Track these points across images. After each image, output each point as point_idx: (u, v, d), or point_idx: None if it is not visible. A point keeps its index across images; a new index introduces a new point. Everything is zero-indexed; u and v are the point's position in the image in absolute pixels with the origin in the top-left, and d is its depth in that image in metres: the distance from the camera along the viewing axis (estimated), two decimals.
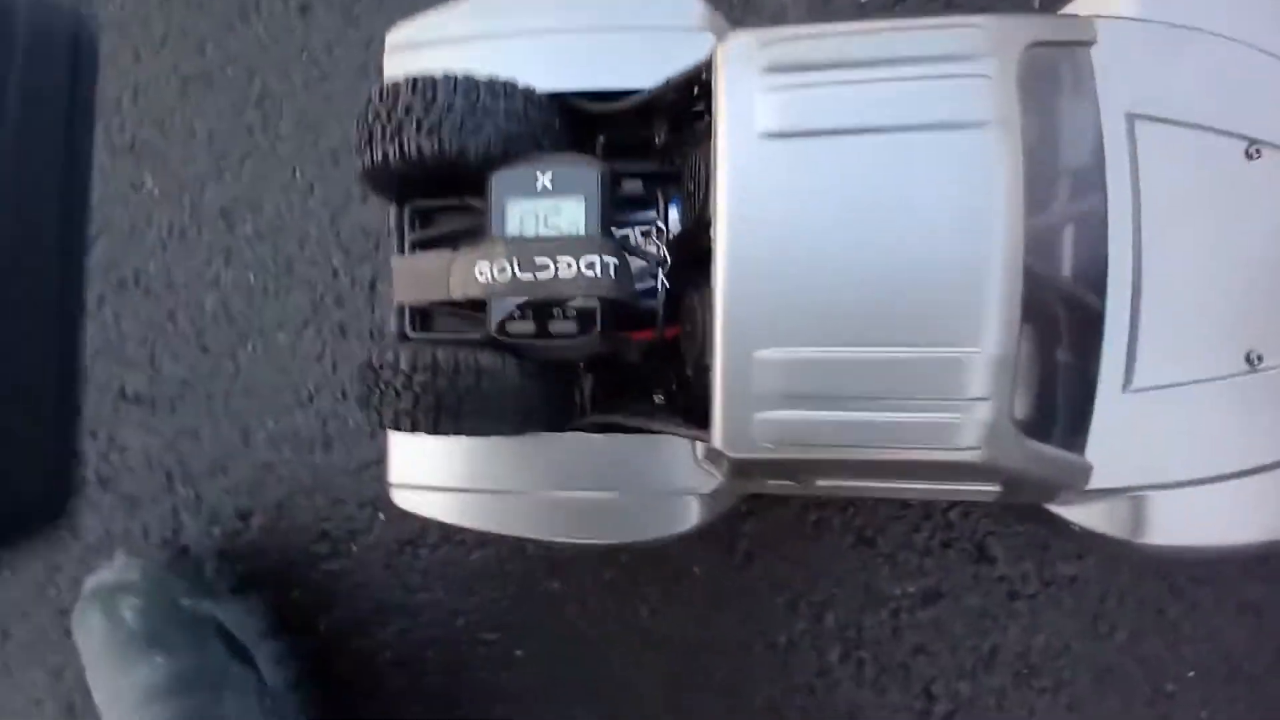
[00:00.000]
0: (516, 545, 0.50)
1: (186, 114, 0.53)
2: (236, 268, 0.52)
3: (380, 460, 0.51)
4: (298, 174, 0.51)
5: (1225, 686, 0.46)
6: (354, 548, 0.51)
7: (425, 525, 0.50)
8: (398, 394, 0.29)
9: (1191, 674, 0.46)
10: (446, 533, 0.50)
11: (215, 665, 0.38)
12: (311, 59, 0.51)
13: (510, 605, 0.50)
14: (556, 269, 0.29)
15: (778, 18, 0.46)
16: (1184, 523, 0.30)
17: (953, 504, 0.46)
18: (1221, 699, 0.46)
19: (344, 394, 0.51)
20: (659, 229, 0.32)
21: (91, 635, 0.39)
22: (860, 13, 0.45)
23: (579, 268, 0.28)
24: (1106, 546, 0.32)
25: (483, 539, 0.50)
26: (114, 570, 0.43)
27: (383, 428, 0.31)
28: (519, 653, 0.50)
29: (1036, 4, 0.45)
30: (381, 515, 0.51)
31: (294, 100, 0.51)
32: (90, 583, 0.43)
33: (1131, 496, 0.30)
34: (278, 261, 0.52)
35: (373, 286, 0.51)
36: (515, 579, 0.50)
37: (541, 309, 0.29)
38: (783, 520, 0.47)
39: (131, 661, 0.36)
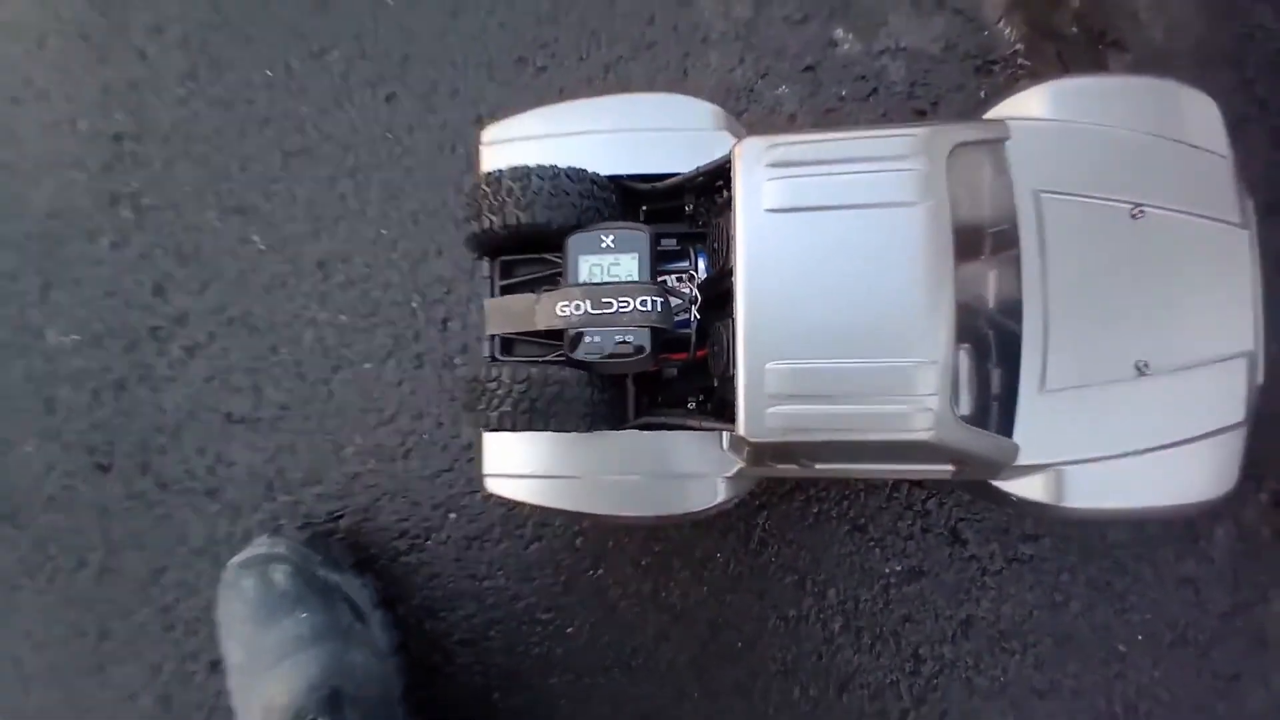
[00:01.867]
0: (568, 539, 0.59)
1: (288, 182, 0.64)
2: (330, 310, 0.63)
3: (450, 469, 0.61)
4: (382, 232, 0.62)
5: (1171, 650, 0.55)
6: (428, 543, 0.61)
7: (490, 523, 0.60)
8: (500, 402, 0.39)
9: (1140, 638, 0.55)
10: (507, 529, 0.60)
11: (344, 623, 0.47)
12: (395, 138, 0.62)
13: (562, 590, 0.59)
14: (617, 306, 0.39)
15: (774, 107, 0.57)
16: (1094, 491, 0.39)
17: (930, 495, 0.55)
18: (1169, 660, 0.55)
19: (421, 413, 0.61)
20: (690, 275, 0.42)
21: (244, 596, 0.48)
22: (841, 104, 0.57)
23: (634, 305, 0.39)
24: (1038, 511, 0.41)
25: (539, 534, 0.59)
26: (264, 545, 0.52)
27: (486, 429, 0.41)
28: (569, 630, 0.58)
29: (983, 95, 0.56)
30: (452, 515, 0.61)
31: (380, 172, 0.62)
32: (239, 558, 0.52)
33: (1053, 470, 0.39)
34: (365, 304, 0.62)
35: (445, 324, 0.61)
36: (566, 567, 0.59)
37: (606, 335, 0.40)
38: (790, 512, 0.57)
39: (281, 616, 0.46)
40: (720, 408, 0.42)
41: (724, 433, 0.41)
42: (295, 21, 0.64)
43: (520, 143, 0.43)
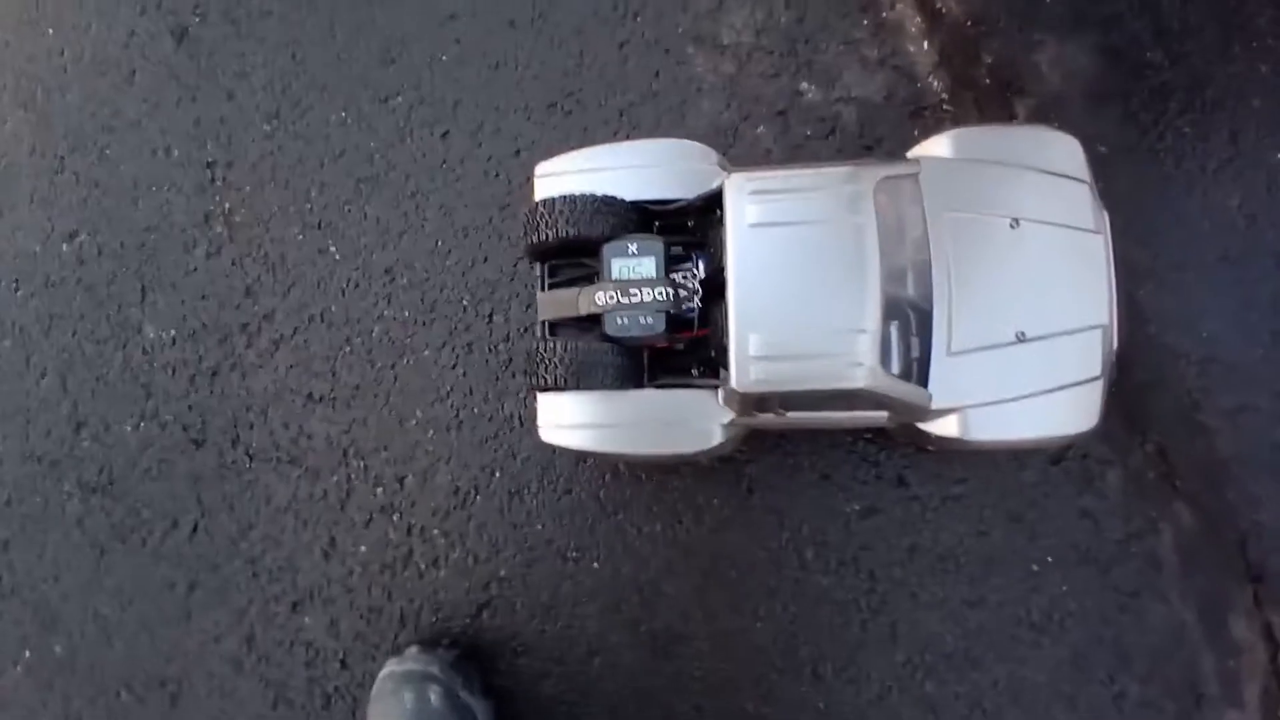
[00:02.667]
0: (593, 490, 0.73)
1: (360, 203, 0.78)
2: (395, 307, 0.77)
3: (495, 435, 0.75)
4: (439, 244, 0.76)
5: (1076, 569, 0.69)
6: (478, 497, 0.74)
7: (529, 479, 0.73)
8: (556, 366, 0.53)
9: (1050, 559, 0.69)
10: (543, 484, 0.73)
11: None
12: (449, 167, 0.76)
13: (588, 532, 0.72)
14: (640, 296, 0.53)
15: (754, 143, 0.72)
16: (990, 427, 0.54)
17: (881, 449, 0.70)
18: (1076, 578, 0.69)
19: (471, 390, 0.75)
20: (693, 273, 0.57)
21: (402, 706, 0.60)
22: (807, 141, 0.72)
23: (653, 295, 0.53)
24: (953, 445, 0.55)
25: (569, 487, 0.73)
26: (418, 661, 0.63)
27: (540, 390, 0.55)
28: (595, 564, 0.72)
29: (916, 134, 0.71)
30: (497, 474, 0.74)
31: (437, 195, 0.77)
32: (398, 666, 0.64)
33: (959, 413, 0.54)
34: (424, 303, 0.76)
35: (490, 318, 0.75)
36: (591, 512, 0.72)
37: (632, 318, 0.54)
38: (771, 464, 0.71)
39: None
40: (717, 372, 0.57)
41: (720, 389, 0.55)
42: (365, 73, 0.78)
43: (566, 176, 0.58)
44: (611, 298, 0.53)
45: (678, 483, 0.71)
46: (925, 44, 0.71)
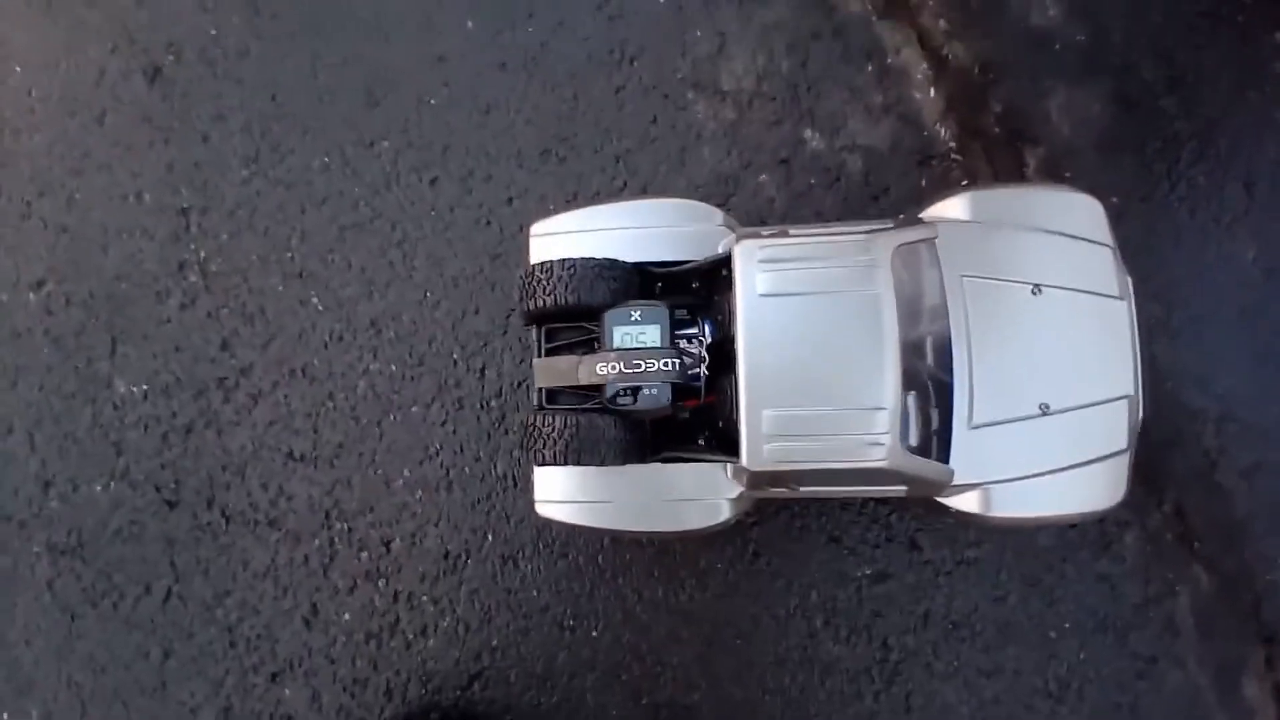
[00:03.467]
0: (590, 555, 0.69)
1: (344, 252, 0.74)
2: (381, 361, 0.73)
3: (488, 497, 0.71)
4: (427, 294, 0.73)
5: (1094, 635, 0.67)
6: (469, 562, 0.70)
7: (523, 543, 0.70)
8: (555, 441, 0.50)
9: (1068, 625, 0.67)
10: (538, 548, 0.70)
11: None
12: (438, 215, 0.73)
13: (586, 598, 0.69)
14: (645, 366, 0.50)
15: (756, 191, 0.70)
16: (1014, 503, 0.51)
17: (892, 511, 0.67)
18: (1094, 644, 0.67)
19: (462, 449, 0.71)
20: (700, 339, 0.54)
21: None
22: (811, 190, 0.69)
23: (658, 365, 0.50)
24: (974, 520, 0.53)
25: (565, 551, 0.70)
26: None
27: (538, 464, 0.52)
28: (594, 633, 0.68)
29: (924, 184, 0.69)
30: (489, 537, 0.71)
31: (425, 243, 0.73)
32: None
33: (982, 488, 0.51)
34: (412, 356, 0.73)
35: (482, 372, 0.72)
36: (589, 578, 0.69)
37: (635, 390, 0.51)
38: (778, 528, 0.68)
39: None
40: (724, 444, 0.53)
41: (728, 464, 0.52)
42: (349, 115, 0.75)
43: (564, 236, 0.55)
44: (614, 368, 0.50)
45: (680, 547, 0.68)
46: (932, 91, 0.69)
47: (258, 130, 0.77)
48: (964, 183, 0.66)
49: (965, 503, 0.52)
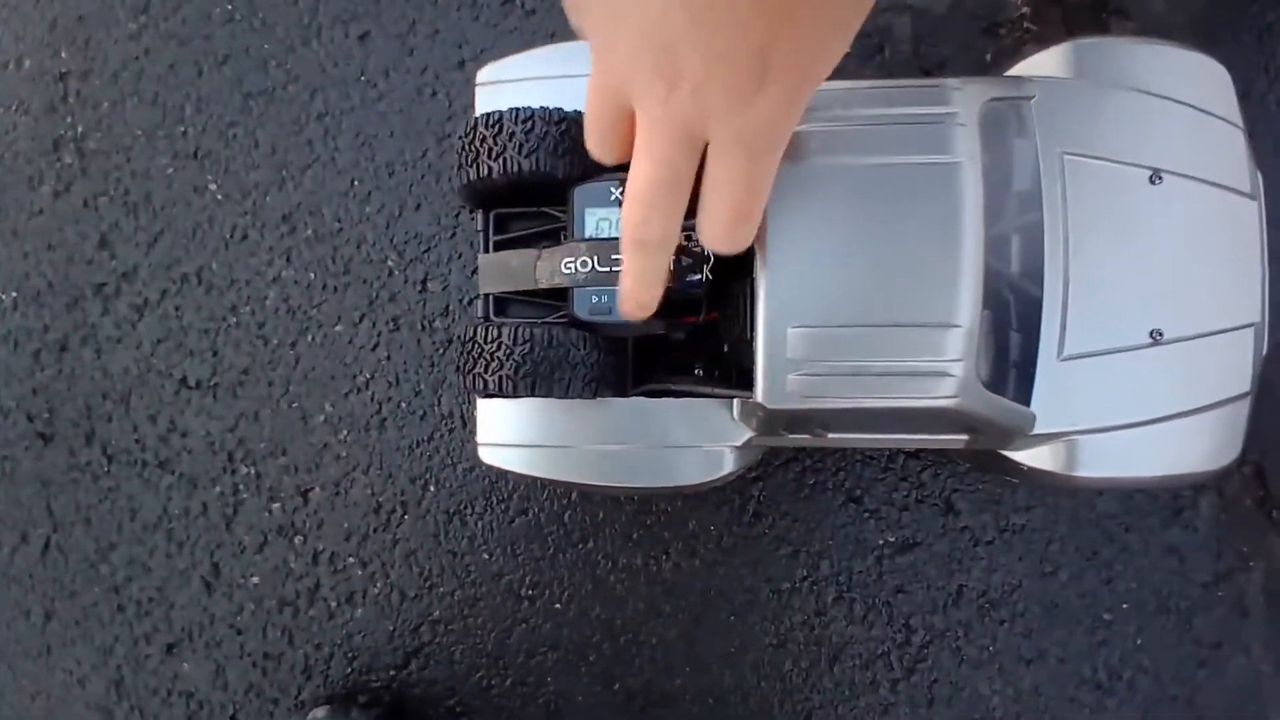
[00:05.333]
0: (555, 512, 0.57)
1: (249, 126, 0.59)
2: (296, 267, 0.58)
3: (430, 439, 0.58)
4: (355, 183, 0.58)
5: (1154, 618, 0.56)
6: (405, 518, 0.58)
7: (473, 496, 0.57)
8: (500, 365, 0.36)
9: (1125, 606, 0.56)
10: (491, 502, 0.57)
11: None
12: (369, 81, 0.58)
13: (548, 564, 0.56)
14: None
15: None
16: (1105, 460, 0.39)
17: (925, 466, 0.55)
18: (1152, 628, 0.56)
19: (398, 379, 0.57)
20: None
21: None
22: (846, 60, 0.54)
23: None
24: (1047, 480, 0.40)
25: (524, 506, 0.57)
26: None
27: (481, 395, 0.38)
28: (557, 605, 0.56)
29: (989, 58, 0.54)
30: (431, 488, 0.57)
31: (352, 117, 0.58)
32: None
33: (1065, 440, 0.39)
34: (336, 262, 0.58)
35: (424, 285, 0.57)
36: (553, 541, 0.56)
37: (614, 295, 0.37)
38: (786, 483, 0.55)
39: None
40: (731, 374, 0.40)
41: (735, 400, 0.39)
42: None
43: (522, 84, 0.40)
44: (585, 265, 0.36)
45: (665, 504, 0.56)
46: None
47: None
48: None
49: (1041, 458, 0.40)
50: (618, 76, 0.28)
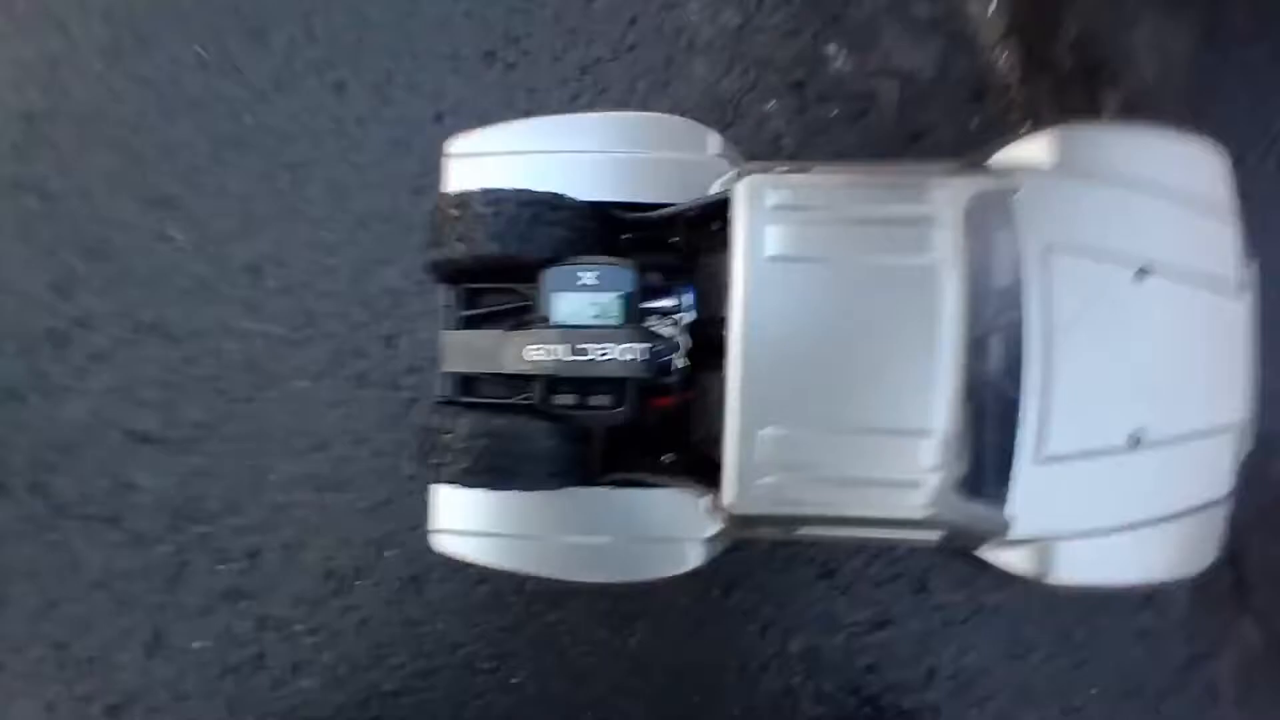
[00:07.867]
0: (517, 581, 0.54)
1: (217, 174, 0.57)
2: (258, 319, 0.56)
3: (389, 501, 0.56)
4: (324, 235, 0.56)
5: (1125, 702, 0.55)
6: (357, 584, 0.55)
7: (431, 563, 0.55)
8: (456, 456, 0.35)
9: (1094, 691, 0.55)
10: (450, 570, 0.55)
11: None
12: (342, 131, 0.56)
13: (509, 636, 0.54)
14: (595, 354, 0.35)
15: (760, 123, 0.54)
16: (1080, 566, 0.38)
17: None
18: (1123, 713, 0.55)
19: (360, 439, 0.55)
20: (677, 317, 0.38)
21: None
22: (831, 125, 0.54)
23: (616, 354, 0.35)
24: (1018, 582, 0.39)
25: (483, 575, 0.55)
26: None
27: (441, 483, 0.36)
28: (514, 680, 0.54)
29: (974, 126, 0.54)
30: (388, 553, 0.55)
31: (323, 168, 0.56)
32: None
33: (1042, 544, 0.38)
34: (299, 315, 0.56)
35: (390, 341, 0.56)
36: (514, 611, 0.54)
37: (583, 385, 0.35)
38: (757, 557, 0.54)
39: None
40: (699, 464, 0.39)
41: (706, 496, 0.37)
42: None
43: (492, 158, 0.38)
44: (551, 354, 0.35)
45: None
46: (992, 5, 0.54)
47: (122, 13, 0.58)
48: (1027, 123, 0.52)
49: (1015, 560, 0.39)
50: None
